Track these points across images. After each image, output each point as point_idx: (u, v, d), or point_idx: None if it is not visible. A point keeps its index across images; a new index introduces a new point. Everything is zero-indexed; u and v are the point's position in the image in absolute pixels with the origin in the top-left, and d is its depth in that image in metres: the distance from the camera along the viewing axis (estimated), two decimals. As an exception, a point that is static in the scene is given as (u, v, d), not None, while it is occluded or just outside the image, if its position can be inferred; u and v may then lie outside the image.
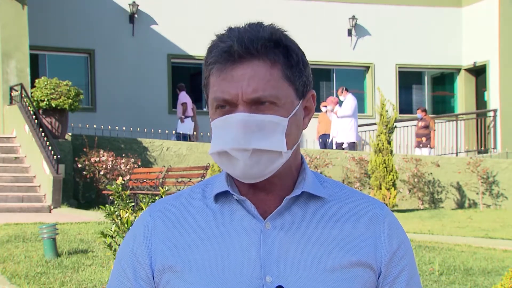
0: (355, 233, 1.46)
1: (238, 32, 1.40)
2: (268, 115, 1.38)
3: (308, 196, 1.47)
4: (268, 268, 1.40)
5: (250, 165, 1.38)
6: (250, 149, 1.37)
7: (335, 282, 1.41)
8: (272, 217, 1.44)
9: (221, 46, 1.40)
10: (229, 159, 1.40)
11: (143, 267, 1.47)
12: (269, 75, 1.39)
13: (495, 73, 20.46)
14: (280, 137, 1.39)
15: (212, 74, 1.41)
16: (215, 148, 1.41)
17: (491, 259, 8.25)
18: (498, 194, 17.21)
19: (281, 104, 1.40)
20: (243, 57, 1.38)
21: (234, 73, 1.38)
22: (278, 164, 1.41)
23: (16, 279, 6.85)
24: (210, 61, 1.41)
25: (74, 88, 15.48)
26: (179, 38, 19.48)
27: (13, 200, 13.58)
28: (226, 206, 1.47)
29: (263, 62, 1.39)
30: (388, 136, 15.02)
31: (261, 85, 1.38)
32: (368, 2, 20.90)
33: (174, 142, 16.75)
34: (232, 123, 1.38)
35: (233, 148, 1.37)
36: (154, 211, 1.51)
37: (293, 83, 1.42)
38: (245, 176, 1.40)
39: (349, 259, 1.43)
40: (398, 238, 1.50)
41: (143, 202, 5.20)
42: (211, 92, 1.42)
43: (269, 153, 1.38)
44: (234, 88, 1.38)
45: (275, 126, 1.39)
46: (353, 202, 1.50)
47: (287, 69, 1.41)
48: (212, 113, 1.43)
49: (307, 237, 1.43)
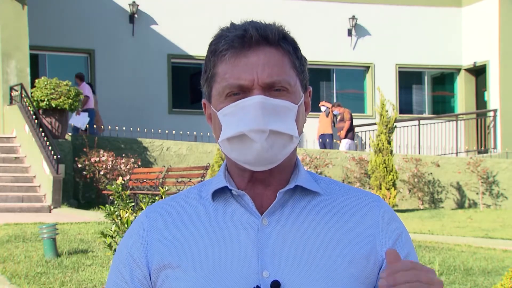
0: (352, 226, 1.46)
1: (248, 23, 1.43)
2: (281, 100, 1.41)
3: (303, 191, 1.47)
4: (265, 263, 1.41)
5: (266, 148, 1.39)
6: (268, 130, 1.38)
7: (333, 276, 1.41)
8: (268, 213, 1.44)
9: (233, 33, 1.42)
10: (243, 144, 1.40)
11: (139, 267, 1.47)
12: (281, 62, 1.43)
13: (495, 73, 20.46)
14: (292, 122, 1.42)
15: (223, 61, 1.42)
16: (230, 132, 1.41)
17: (491, 259, 8.25)
18: (498, 194, 17.22)
19: (292, 91, 1.43)
20: (258, 42, 1.41)
21: (247, 59, 1.41)
22: (289, 150, 1.43)
23: (16, 279, 6.85)
24: (222, 48, 1.42)
25: (74, 88, 15.49)
26: (179, 38, 19.48)
27: (13, 200, 13.58)
28: (223, 203, 1.48)
29: (276, 49, 1.43)
30: (388, 136, 15.02)
31: (275, 70, 1.41)
32: (368, 2, 20.91)
33: (174, 142, 16.74)
34: (249, 106, 1.39)
35: (252, 130, 1.38)
36: (150, 212, 1.52)
37: (300, 74, 1.46)
38: (258, 160, 1.41)
39: (348, 253, 1.43)
40: (396, 228, 1.50)
41: (143, 202, 5.20)
42: (222, 80, 1.42)
43: (283, 136, 1.40)
44: (249, 74, 1.40)
45: (288, 111, 1.41)
46: (349, 195, 1.51)
47: (295, 59, 1.45)
48: (220, 102, 1.43)
49: (304, 231, 1.44)
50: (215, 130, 1.46)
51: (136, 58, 19.22)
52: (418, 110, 21.86)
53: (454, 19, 21.48)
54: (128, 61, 19.17)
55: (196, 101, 19.16)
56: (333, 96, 20.98)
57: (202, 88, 1.50)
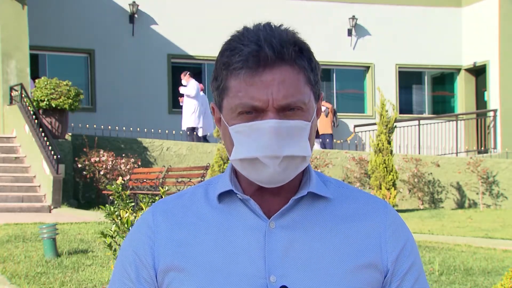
0: (359, 233, 1.46)
1: (262, 35, 1.38)
2: (295, 120, 1.37)
3: (312, 196, 1.46)
4: (272, 268, 1.40)
5: (279, 172, 1.37)
6: (281, 156, 1.36)
7: (340, 283, 1.41)
8: (276, 217, 1.43)
9: (247, 49, 1.36)
10: (254, 166, 1.38)
11: (146, 268, 1.46)
12: (297, 80, 1.38)
13: (495, 73, 20.46)
14: (305, 142, 1.39)
15: (236, 78, 1.37)
16: (242, 154, 1.38)
17: (491, 259, 8.25)
18: (498, 194, 17.22)
19: (306, 109, 1.39)
20: (274, 62, 1.36)
21: (263, 79, 1.36)
22: (302, 168, 1.41)
23: (16, 279, 6.85)
24: (236, 65, 1.36)
25: (74, 88, 15.49)
26: (179, 38, 19.47)
27: (13, 200, 13.58)
28: (229, 206, 1.46)
29: (291, 67, 1.38)
30: (388, 136, 15.02)
31: (291, 91, 1.36)
32: (368, 2, 20.90)
33: (175, 142, 16.75)
34: (263, 129, 1.35)
35: (266, 156, 1.35)
36: (157, 211, 1.50)
37: (313, 87, 1.42)
38: (271, 182, 1.39)
39: (354, 259, 1.43)
40: (403, 236, 1.50)
41: (143, 202, 5.20)
42: (235, 97, 1.37)
43: (296, 158, 1.38)
44: (264, 94, 1.35)
45: (301, 131, 1.38)
46: (357, 201, 1.50)
47: (310, 73, 1.41)
48: (231, 117, 1.39)
49: (312, 237, 1.43)
50: (226, 142, 1.44)
51: (136, 58, 19.21)
52: (418, 110, 21.85)
53: (454, 19, 21.48)
54: (128, 61, 19.16)
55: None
56: (333, 96, 20.98)
57: (212, 91, 1.46)
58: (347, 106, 21.09)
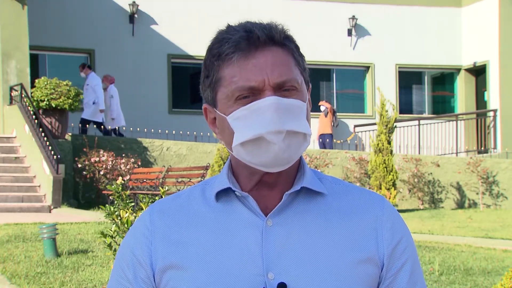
0: (356, 228, 1.46)
1: (249, 24, 1.42)
2: (293, 99, 1.40)
3: (308, 192, 1.47)
4: (270, 265, 1.40)
5: (283, 149, 1.37)
6: (285, 131, 1.37)
7: (338, 278, 1.41)
8: (273, 214, 1.43)
9: (237, 35, 1.39)
10: (258, 146, 1.38)
11: (143, 267, 1.46)
12: (287, 61, 1.42)
13: (495, 73, 20.46)
14: (305, 120, 1.41)
15: (230, 64, 1.39)
16: (245, 136, 1.38)
17: (491, 259, 8.25)
18: (498, 194, 17.22)
19: (300, 89, 1.42)
20: (265, 42, 1.40)
21: (255, 61, 1.39)
22: (303, 149, 1.42)
23: (16, 279, 6.85)
24: (228, 51, 1.39)
25: (74, 88, 15.49)
26: (179, 38, 19.47)
27: (13, 200, 13.58)
28: (227, 204, 1.46)
29: (281, 49, 1.42)
30: (388, 136, 15.03)
31: (284, 70, 1.40)
32: (368, 2, 20.90)
33: (175, 142, 16.76)
34: (264, 107, 1.37)
35: (270, 131, 1.36)
36: (154, 211, 1.51)
37: (303, 72, 1.45)
38: (275, 162, 1.39)
39: (352, 255, 1.43)
40: (399, 231, 1.49)
41: (143, 202, 5.20)
42: (230, 83, 1.39)
43: (298, 135, 1.39)
44: (259, 75, 1.38)
45: (300, 109, 1.40)
46: (353, 196, 1.50)
47: (298, 57, 1.45)
48: (228, 106, 1.40)
49: (309, 233, 1.43)
50: (224, 135, 1.44)
51: (136, 58, 19.22)
52: (418, 110, 21.86)
53: (454, 19, 21.48)
54: (128, 61, 19.16)
55: (196, 101, 19.15)
56: (333, 96, 20.99)
57: (202, 94, 1.47)
58: (347, 106, 21.09)
